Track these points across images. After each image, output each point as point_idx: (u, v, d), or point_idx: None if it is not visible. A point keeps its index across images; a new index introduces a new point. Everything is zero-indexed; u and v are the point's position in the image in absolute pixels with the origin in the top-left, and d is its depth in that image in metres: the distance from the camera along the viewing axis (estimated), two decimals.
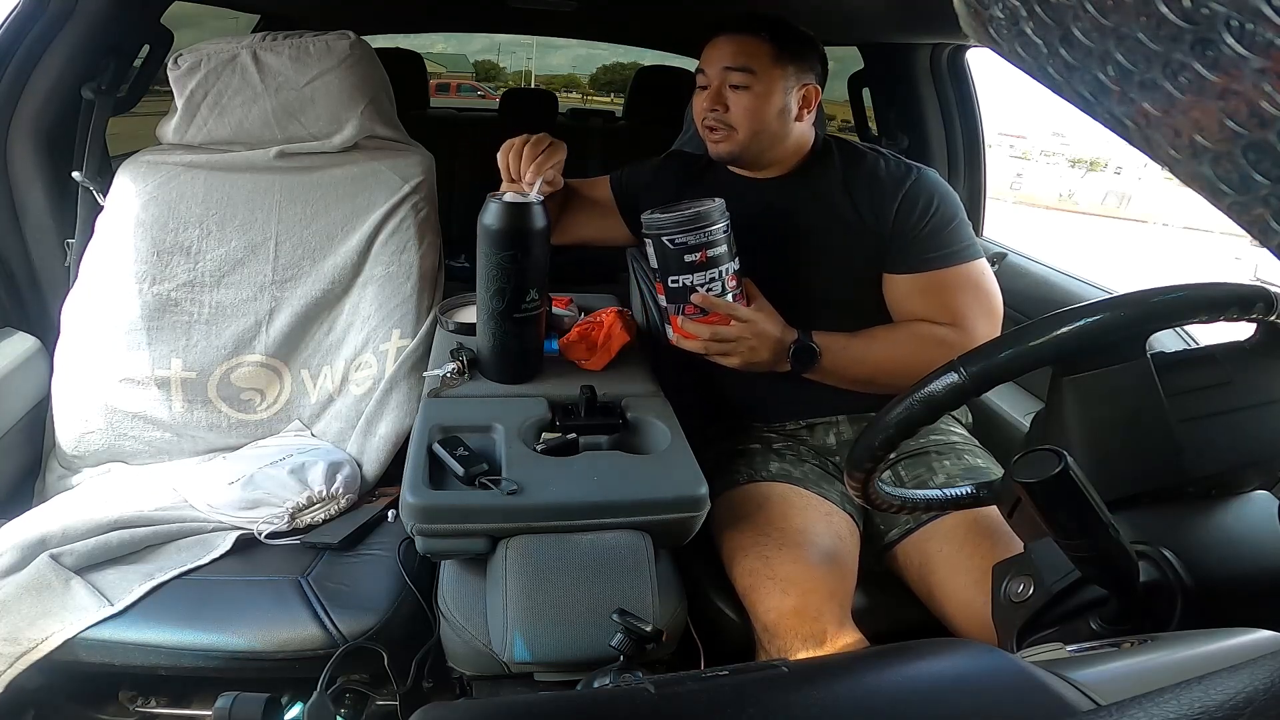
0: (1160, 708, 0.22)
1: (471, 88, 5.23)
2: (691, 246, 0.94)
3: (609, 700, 0.47)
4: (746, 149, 1.06)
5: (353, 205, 1.20)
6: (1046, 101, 1.80)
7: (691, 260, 0.94)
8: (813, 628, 0.85)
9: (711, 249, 0.94)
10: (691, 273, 0.95)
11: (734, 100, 1.04)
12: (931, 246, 1.02)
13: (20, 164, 1.20)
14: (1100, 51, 0.14)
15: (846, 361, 1.01)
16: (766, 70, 1.02)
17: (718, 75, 1.04)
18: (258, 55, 1.17)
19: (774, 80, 1.03)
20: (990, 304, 1.03)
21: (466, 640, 0.81)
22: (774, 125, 1.05)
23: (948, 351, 0.62)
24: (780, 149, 1.08)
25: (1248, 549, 0.59)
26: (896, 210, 1.03)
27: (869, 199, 1.05)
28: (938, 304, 1.02)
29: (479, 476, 0.79)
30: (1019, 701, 0.38)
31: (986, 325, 1.02)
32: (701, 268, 0.95)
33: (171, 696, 0.92)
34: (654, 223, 0.96)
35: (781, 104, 1.04)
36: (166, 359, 1.15)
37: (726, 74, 1.03)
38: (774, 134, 1.06)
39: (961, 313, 1.01)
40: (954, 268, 1.02)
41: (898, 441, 0.61)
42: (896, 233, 1.03)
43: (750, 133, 1.05)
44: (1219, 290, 0.59)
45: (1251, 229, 0.14)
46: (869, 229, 1.04)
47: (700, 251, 0.94)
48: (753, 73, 1.02)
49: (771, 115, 1.04)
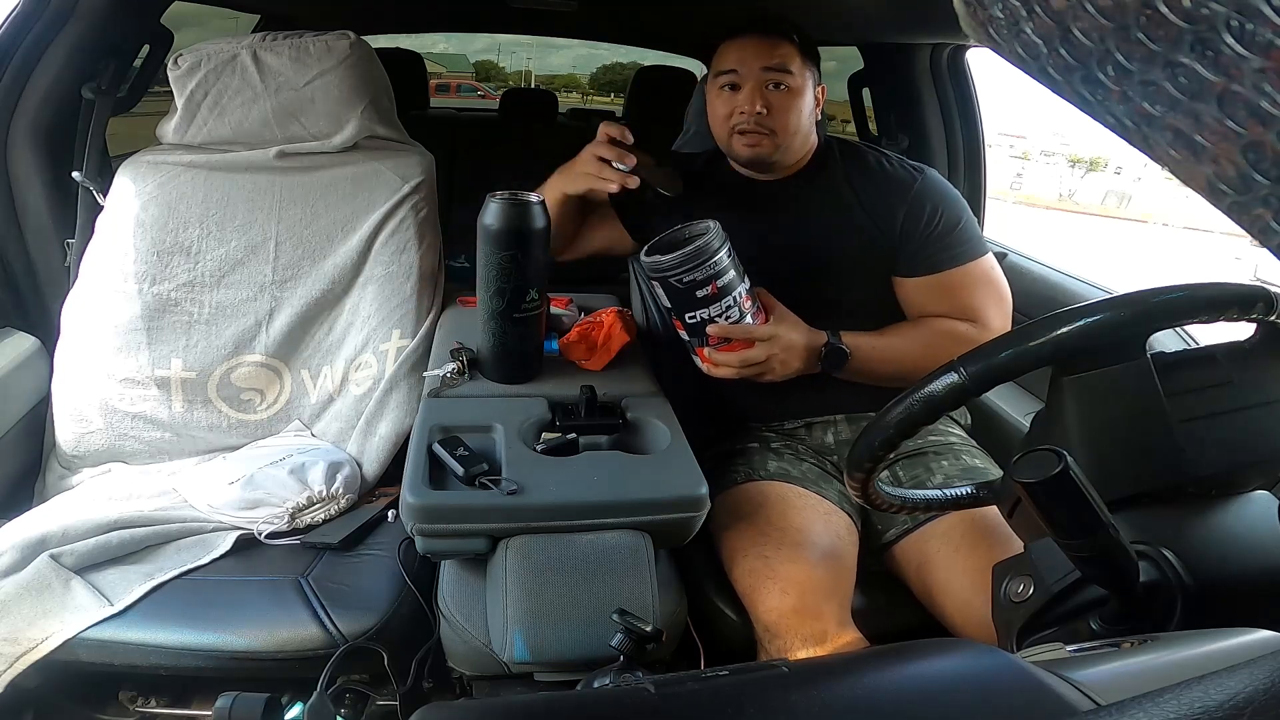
0: (1160, 708, 0.22)
1: (472, 88, 5.22)
2: (700, 282, 0.91)
3: (609, 700, 0.47)
4: (783, 150, 1.06)
5: (353, 205, 1.20)
6: (1046, 101, 1.80)
7: (704, 295, 0.91)
8: (813, 627, 0.85)
9: (720, 279, 0.91)
10: (707, 306, 0.92)
11: (775, 101, 1.03)
12: (941, 248, 1.03)
13: (20, 164, 1.19)
14: (1100, 51, 0.14)
15: (875, 359, 1.01)
16: (799, 70, 1.04)
17: (754, 75, 1.03)
18: (258, 55, 1.17)
19: (804, 80, 1.05)
20: (1002, 296, 1.05)
21: (466, 640, 0.81)
22: (807, 125, 1.07)
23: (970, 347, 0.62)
24: (803, 149, 1.10)
25: (1248, 549, 0.59)
26: (905, 215, 1.04)
27: (876, 200, 1.06)
28: (953, 303, 1.04)
29: (479, 476, 0.79)
30: (1019, 701, 0.38)
31: (1001, 319, 1.04)
32: (715, 299, 0.92)
33: (171, 696, 0.92)
34: (656, 265, 0.92)
35: (811, 104, 1.06)
36: (166, 359, 1.15)
37: (765, 75, 1.02)
38: (805, 134, 1.08)
39: (977, 309, 1.03)
40: (964, 266, 1.03)
41: (898, 442, 0.61)
42: (905, 237, 1.04)
43: (790, 133, 1.05)
44: (1219, 290, 0.59)
45: (1251, 229, 0.14)
46: (878, 230, 1.05)
47: (710, 285, 0.91)
48: (790, 73, 1.03)
49: (806, 115, 1.06)
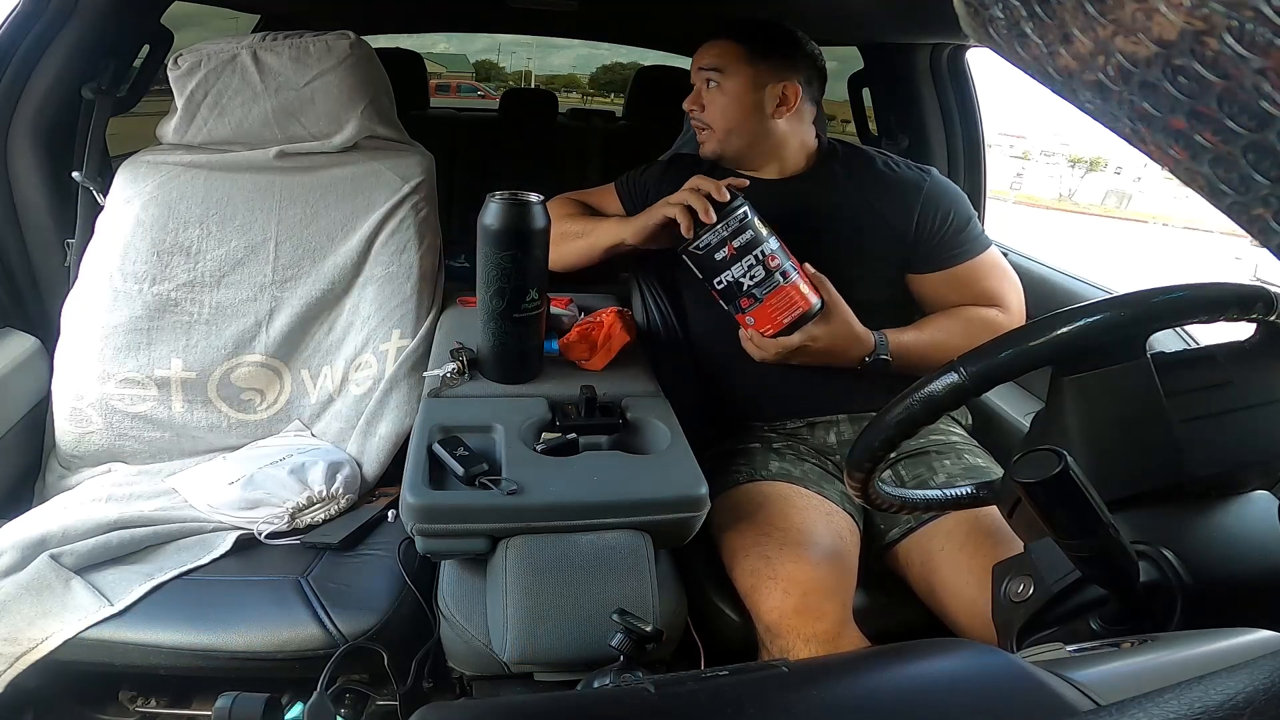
0: (1160, 708, 0.22)
1: (472, 88, 5.22)
2: (715, 245, 0.95)
3: (609, 700, 0.47)
4: (725, 146, 1.11)
5: (353, 205, 1.20)
6: (1046, 101, 1.80)
7: (722, 258, 0.95)
8: (815, 627, 0.85)
9: (737, 239, 0.95)
10: (729, 268, 0.96)
11: (708, 99, 1.10)
12: (955, 245, 1.08)
13: (20, 164, 1.19)
14: (1100, 51, 0.14)
15: (915, 355, 1.04)
16: (737, 69, 1.07)
17: (697, 77, 1.12)
18: (258, 55, 1.17)
19: (744, 79, 1.07)
20: (1014, 282, 1.11)
21: (466, 640, 0.81)
22: (748, 123, 1.09)
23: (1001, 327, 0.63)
24: (764, 146, 1.11)
25: (1248, 549, 0.59)
26: (919, 216, 1.07)
27: (888, 202, 1.08)
28: (973, 292, 1.08)
29: (479, 476, 0.79)
30: (1019, 701, 0.38)
31: (1018, 301, 1.09)
32: (735, 260, 0.95)
33: (171, 696, 0.92)
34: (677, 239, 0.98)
35: (752, 101, 1.08)
36: (166, 359, 1.15)
37: (701, 74, 1.10)
38: (750, 131, 1.10)
39: (997, 294, 1.08)
40: (977, 258, 1.08)
41: (898, 441, 0.62)
42: (920, 238, 1.08)
43: (724, 130, 1.10)
44: (1219, 290, 0.59)
45: (1251, 229, 0.14)
46: (892, 229, 1.08)
47: (727, 246, 0.95)
48: (721, 71, 1.08)
49: (743, 113, 1.08)
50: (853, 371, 1.04)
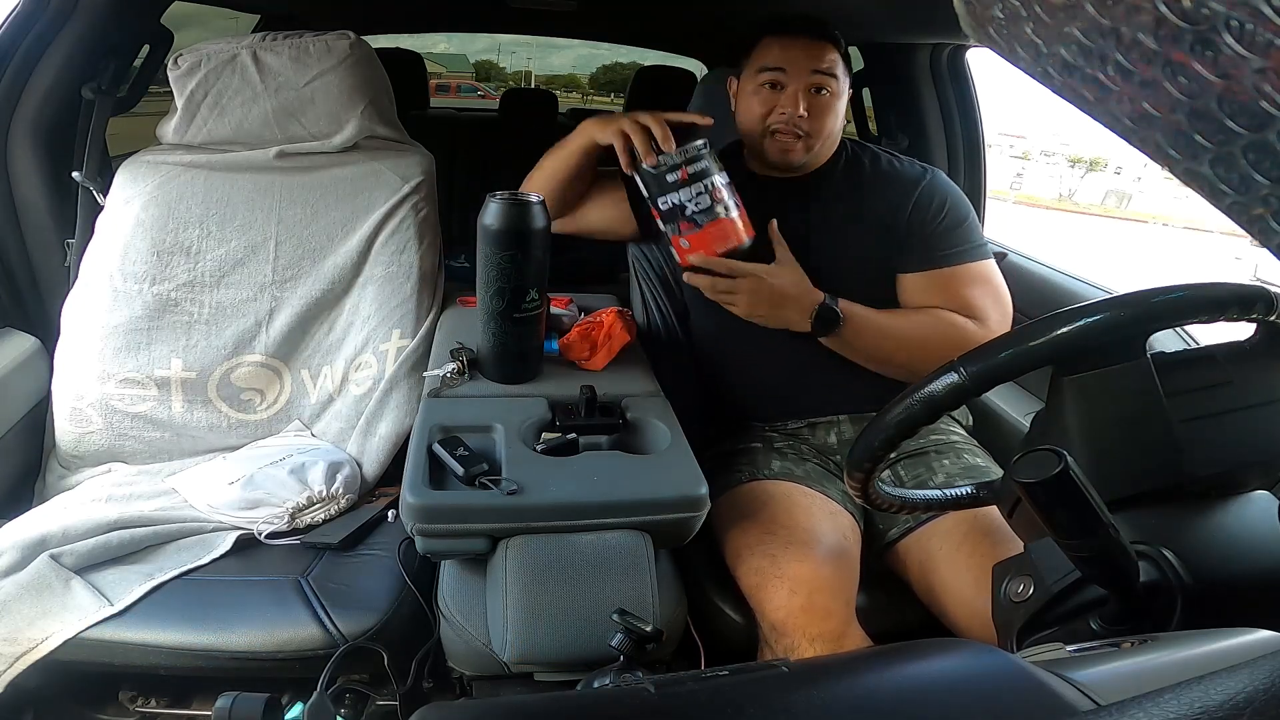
0: (1160, 708, 0.22)
1: (472, 88, 5.22)
2: (670, 166, 0.98)
3: (609, 700, 0.47)
4: (813, 155, 1.07)
5: (353, 205, 1.20)
6: (1046, 101, 1.80)
7: (674, 180, 0.98)
8: (821, 626, 0.85)
9: (692, 165, 0.98)
10: (677, 190, 0.98)
11: (816, 105, 1.03)
12: (944, 244, 1.04)
13: (20, 164, 1.19)
14: (1100, 51, 0.14)
15: (870, 332, 1.01)
16: (842, 77, 1.05)
17: (802, 77, 1.02)
18: (258, 55, 1.17)
19: (844, 87, 1.05)
20: (1002, 299, 1.05)
21: (466, 640, 0.81)
22: (839, 131, 1.08)
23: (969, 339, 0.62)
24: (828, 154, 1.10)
25: (1248, 549, 0.59)
26: (912, 207, 1.05)
27: (885, 197, 1.07)
28: (952, 299, 1.04)
29: (479, 476, 0.79)
30: (1019, 701, 0.38)
31: (999, 318, 1.03)
32: (685, 184, 0.98)
33: (171, 696, 0.92)
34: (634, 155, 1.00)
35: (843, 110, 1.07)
36: (166, 359, 1.15)
37: (812, 78, 1.02)
38: (835, 139, 1.09)
39: (976, 306, 1.03)
40: (965, 265, 1.04)
41: (898, 441, 0.62)
42: (911, 232, 1.05)
43: (824, 139, 1.06)
44: (1219, 290, 0.59)
45: (1251, 229, 0.14)
46: (885, 226, 1.06)
47: (680, 170, 0.98)
48: (835, 78, 1.03)
49: (841, 121, 1.07)
50: (853, 371, 1.04)
